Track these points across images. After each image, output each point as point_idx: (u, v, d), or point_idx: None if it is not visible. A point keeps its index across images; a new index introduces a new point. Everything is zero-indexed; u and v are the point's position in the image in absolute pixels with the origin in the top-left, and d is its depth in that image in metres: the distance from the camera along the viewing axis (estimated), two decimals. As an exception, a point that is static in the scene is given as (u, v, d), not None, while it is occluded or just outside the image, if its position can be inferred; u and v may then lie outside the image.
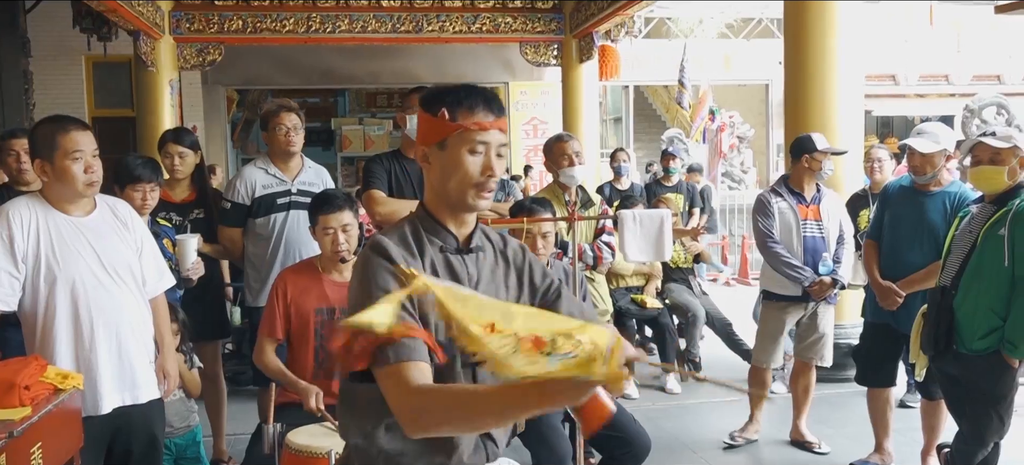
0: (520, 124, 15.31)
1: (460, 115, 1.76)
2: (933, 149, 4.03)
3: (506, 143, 1.83)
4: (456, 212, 1.83)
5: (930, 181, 4.10)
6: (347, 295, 3.29)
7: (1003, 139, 3.48)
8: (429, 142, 1.80)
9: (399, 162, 4.06)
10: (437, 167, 1.80)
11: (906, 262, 4.12)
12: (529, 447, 3.40)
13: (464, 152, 1.77)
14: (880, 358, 4.34)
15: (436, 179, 1.81)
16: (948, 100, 16.99)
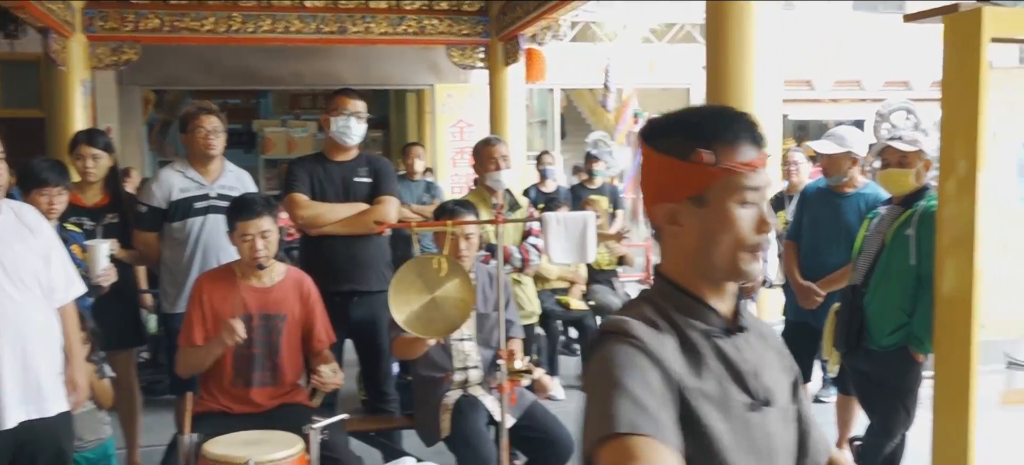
0: (446, 126, 15.25)
1: (723, 154, 1.33)
2: (834, 151, 4.17)
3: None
4: (719, 283, 1.39)
5: (843, 183, 4.24)
6: (270, 301, 3.26)
7: (909, 143, 3.63)
8: (679, 196, 1.35)
9: (322, 165, 4.01)
10: (692, 229, 1.35)
11: (825, 262, 4.25)
12: (454, 451, 3.39)
13: (733, 205, 1.34)
14: (798, 355, 4.44)
15: (691, 244, 1.36)
16: (860, 105, 17.60)
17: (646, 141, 1.40)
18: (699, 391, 1.29)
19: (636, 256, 8.86)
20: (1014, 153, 3.29)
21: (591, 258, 3.45)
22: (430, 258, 3.24)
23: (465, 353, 3.53)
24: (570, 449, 3.45)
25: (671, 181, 1.35)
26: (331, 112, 3.96)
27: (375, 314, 3.97)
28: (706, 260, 1.36)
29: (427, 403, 3.49)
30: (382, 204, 3.96)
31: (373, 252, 4.03)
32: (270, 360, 3.31)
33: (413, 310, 3.16)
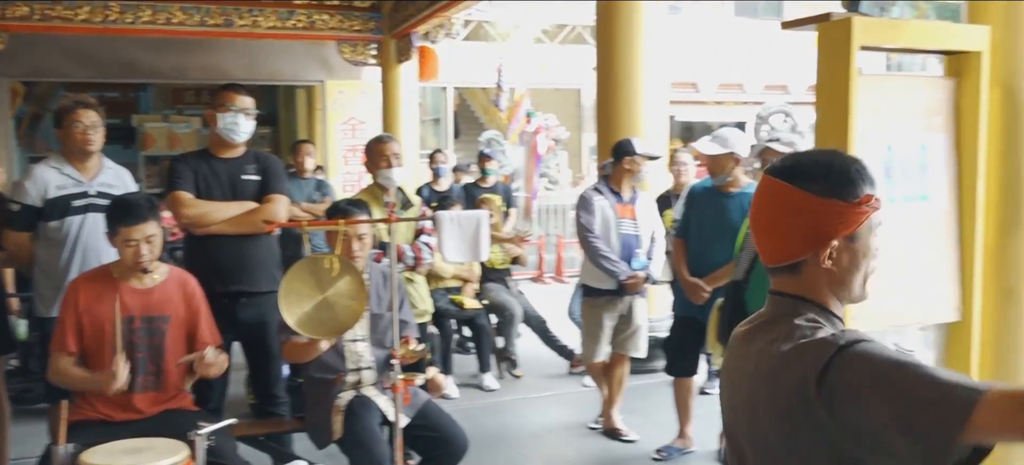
0: (337, 124, 15.00)
1: (870, 193, 1.53)
2: (718, 152, 4.33)
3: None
4: (846, 305, 1.56)
5: (727, 183, 4.41)
6: (152, 302, 3.13)
7: (787, 145, 3.81)
8: (840, 233, 1.49)
9: (208, 162, 3.88)
10: (843, 262, 1.50)
11: (711, 259, 4.40)
12: (347, 453, 3.34)
13: (872, 237, 1.56)
14: (686, 350, 4.62)
15: (840, 275, 1.50)
16: (742, 107, 18.33)
17: (796, 184, 1.50)
18: None
19: (529, 255, 8.95)
20: (880, 156, 3.50)
21: (484, 257, 3.47)
22: (322, 258, 3.18)
23: (358, 354, 3.49)
24: (464, 447, 3.45)
25: (835, 221, 1.48)
26: (218, 108, 3.84)
27: (264, 316, 3.87)
28: (848, 287, 1.52)
29: (319, 405, 3.43)
30: (271, 203, 3.87)
31: (262, 252, 3.93)
32: (153, 363, 3.19)
33: (304, 311, 3.10)
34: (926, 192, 3.65)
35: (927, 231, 3.63)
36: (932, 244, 3.63)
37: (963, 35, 3.63)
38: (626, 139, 4.97)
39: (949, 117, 3.68)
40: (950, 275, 3.66)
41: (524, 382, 6.28)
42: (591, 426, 5.07)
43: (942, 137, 3.66)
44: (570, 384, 6.19)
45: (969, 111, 3.63)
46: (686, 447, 4.67)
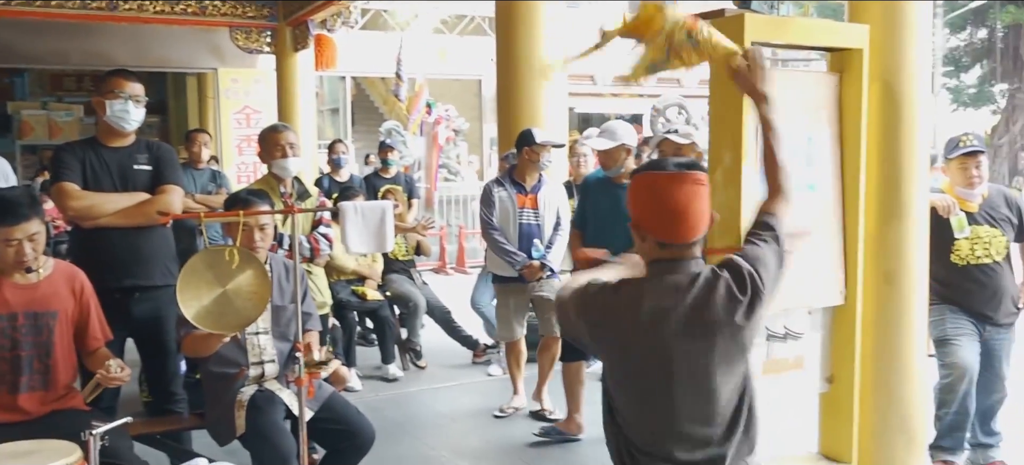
0: (231, 113, 14.57)
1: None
2: (609, 145, 4.46)
3: None
4: None
5: (620, 174, 4.52)
6: (37, 297, 2.98)
7: (684, 136, 3.94)
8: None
9: (95, 151, 3.71)
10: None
11: (607, 248, 4.50)
12: (250, 448, 3.27)
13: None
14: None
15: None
16: (638, 100, 18.74)
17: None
18: None
19: (431, 245, 8.93)
20: (771, 146, 3.65)
21: (389, 247, 3.45)
22: (221, 250, 3.10)
23: (260, 347, 3.42)
24: (371, 438, 3.43)
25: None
26: (106, 95, 3.68)
27: (159, 310, 3.74)
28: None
29: (220, 401, 3.34)
30: (165, 193, 3.73)
31: (156, 245, 3.79)
32: (41, 362, 3.04)
33: (203, 305, 3.01)
34: (813, 182, 3.83)
35: (813, 220, 3.81)
36: (818, 232, 3.81)
37: (845, 33, 3.82)
38: (526, 129, 5.06)
39: (833, 111, 3.88)
40: (834, 261, 3.86)
41: (428, 372, 6.28)
42: (496, 414, 5.11)
43: (826, 130, 3.85)
44: (474, 373, 6.23)
45: (851, 105, 3.83)
46: (571, 432, 4.68)
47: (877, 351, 3.91)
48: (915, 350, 3.95)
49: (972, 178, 4.01)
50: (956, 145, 4.06)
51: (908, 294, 3.89)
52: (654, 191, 2.04)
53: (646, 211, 2.06)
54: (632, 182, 2.10)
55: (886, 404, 3.92)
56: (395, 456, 4.42)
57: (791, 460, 4.01)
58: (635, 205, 2.08)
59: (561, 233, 5.05)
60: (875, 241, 3.88)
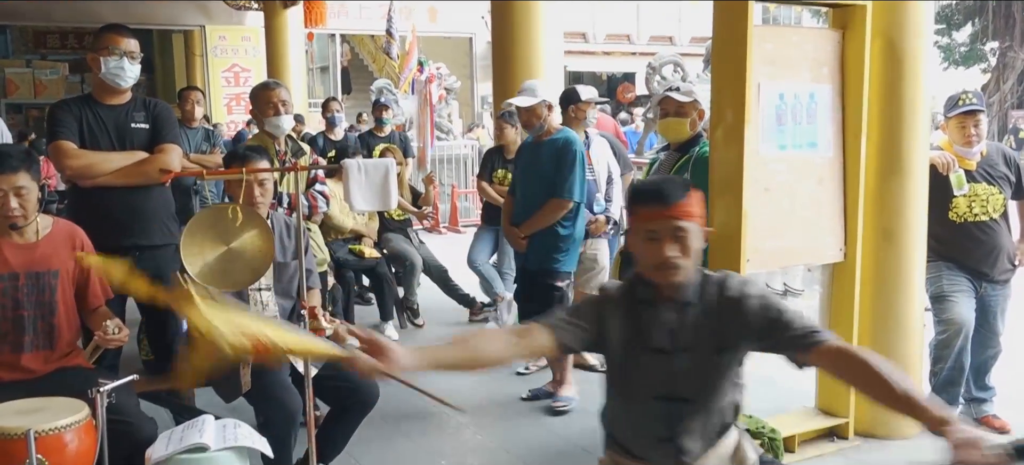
0: (220, 71, 14.44)
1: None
2: (530, 102, 4.42)
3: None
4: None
5: (542, 132, 4.48)
6: (37, 257, 2.96)
7: (686, 94, 3.92)
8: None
9: (92, 109, 3.67)
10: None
11: (530, 207, 4.50)
12: (255, 405, 3.28)
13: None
14: (528, 300, 4.61)
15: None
16: (630, 58, 18.66)
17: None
18: None
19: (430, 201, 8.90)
20: (773, 105, 3.66)
21: (393, 205, 3.43)
22: (224, 208, 3.08)
23: (263, 303, 3.42)
24: (375, 396, 3.45)
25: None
26: (100, 52, 3.63)
27: (161, 269, 3.71)
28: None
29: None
30: (164, 152, 3.70)
31: (155, 204, 3.76)
32: (44, 321, 3.02)
33: (207, 262, 3.00)
34: (814, 140, 3.84)
35: (814, 177, 3.83)
36: (818, 189, 3.83)
37: (850, -11, 3.79)
38: (570, 88, 5.16)
39: (835, 68, 3.88)
40: (834, 218, 3.89)
41: (426, 331, 6.30)
42: (520, 371, 5.11)
43: (828, 87, 3.85)
44: (471, 331, 6.25)
45: (853, 62, 3.83)
46: (558, 392, 4.62)
47: (875, 307, 3.95)
48: (913, 306, 4.00)
49: (970, 137, 4.02)
50: (955, 103, 4.06)
51: (907, 251, 3.92)
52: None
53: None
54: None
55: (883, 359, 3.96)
56: (396, 413, 4.44)
57: (788, 415, 4.06)
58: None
59: (615, 186, 5.14)
60: (875, 198, 3.90)
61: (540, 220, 4.39)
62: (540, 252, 4.45)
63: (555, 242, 4.43)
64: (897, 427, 3.98)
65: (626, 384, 2.16)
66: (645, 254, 2.06)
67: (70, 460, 2.54)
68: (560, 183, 4.34)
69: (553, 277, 4.45)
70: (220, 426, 2.97)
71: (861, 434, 3.99)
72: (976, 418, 4.20)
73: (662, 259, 2.02)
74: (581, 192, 4.41)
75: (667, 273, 2.04)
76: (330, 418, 3.52)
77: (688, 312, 2.08)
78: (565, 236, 4.44)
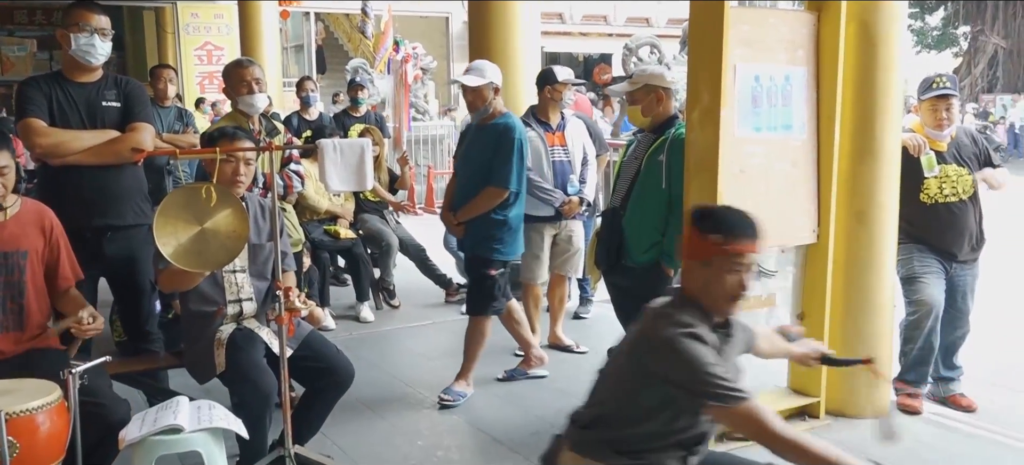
0: (192, 49, 14.26)
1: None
2: (476, 82, 4.26)
3: None
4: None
5: (485, 115, 4.33)
6: (6, 237, 2.92)
7: (634, 82, 3.94)
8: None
9: (62, 86, 3.61)
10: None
11: (468, 192, 4.38)
12: (230, 386, 3.26)
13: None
14: (473, 286, 4.55)
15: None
16: (607, 40, 18.65)
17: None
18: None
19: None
20: (749, 87, 3.67)
21: (369, 185, 3.40)
22: (197, 187, 3.05)
23: (238, 285, 3.39)
24: (350, 376, 3.44)
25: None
26: (70, 28, 3.56)
27: (132, 250, 3.69)
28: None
29: (200, 339, 3.32)
30: (136, 131, 3.65)
31: (127, 183, 3.71)
32: (14, 302, 2.98)
33: (181, 243, 2.97)
34: (789, 122, 3.86)
35: (788, 159, 3.86)
36: (792, 171, 3.86)
37: (825, -29, 3.81)
38: (547, 68, 5.10)
39: (810, 50, 3.90)
40: (808, 200, 3.92)
41: (402, 312, 6.30)
42: (516, 354, 5.10)
43: (803, 70, 3.87)
44: (448, 312, 6.25)
45: (828, 45, 3.86)
46: (534, 367, 4.67)
47: (847, 288, 4.00)
48: (884, 287, 4.05)
49: (942, 120, 4.07)
50: (929, 86, 4.10)
51: (879, 233, 3.97)
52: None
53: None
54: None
55: (854, 340, 4.02)
56: (372, 394, 4.45)
57: (761, 395, 4.10)
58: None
59: (590, 167, 5.13)
60: (848, 180, 3.94)
61: (475, 207, 4.29)
62: (475, 239, 4.36)
63: (489, 230, 4.30)
64: (866, 406, 4.05)
65: (692, 405, 2.17)
66: (726, 285, 2.13)
67: (42, 442, 2.51)
68: (496, 171, 4.23)
69: (486, 265, 4.33)
70: (195, 407, 2.96)
71: (832, 413, 4.05)
72: (944, 396, 4.28)
73: (744, 291, 2.13)
74: (518, 181, 4.29)
75: (739, 304, 2.16)
76: (305, 399, 3.51)
77: (733, 339, 2.31)
78: (499, 224, 4.29)
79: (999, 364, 4.93)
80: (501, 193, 4.25)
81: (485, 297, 4.39)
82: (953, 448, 3.79)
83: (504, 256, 4.37)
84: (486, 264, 4.34)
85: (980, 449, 3.80)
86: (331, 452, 3.69)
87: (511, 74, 5.99)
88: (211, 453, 2.85)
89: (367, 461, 3.68)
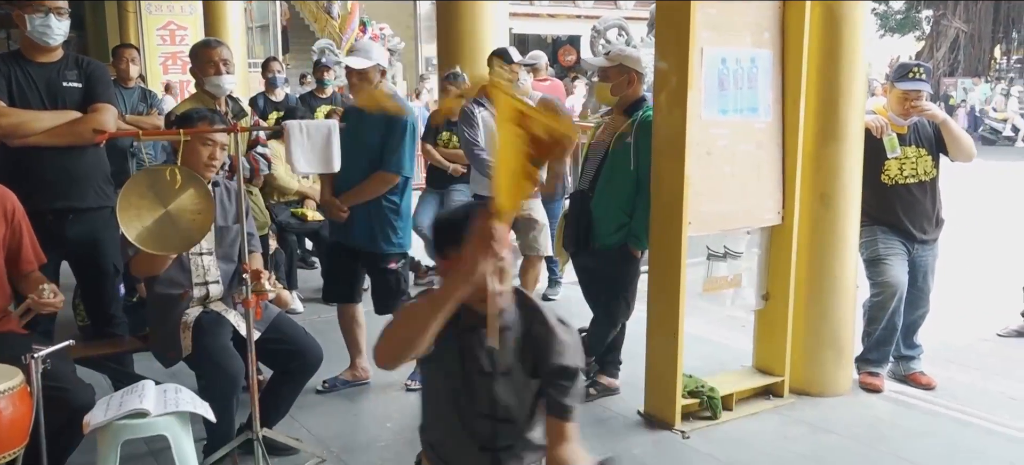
0: (155, 28, 14.00)
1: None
2: (363, 64, 4.03)
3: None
4: None
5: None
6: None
7: (612, 59, 3.96)
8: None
9: (21, 66, 3.53)
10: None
11: (353, 179, 4.10)
12: (196, 368, 3.24)
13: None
14: (338, 276, 4.38)
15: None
16: (576, 21, 18.63)
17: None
18: None
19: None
20: (716, 70, 3.70)
21: (336, 167, 3.38)
22: (162, 169, 3.01)
23: (204, 268, 3.36)
24: (318, 359, 3.43)
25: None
26: (25, 9, 3.48)
27: (95, 232, 3.64)
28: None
29: (166, 322, 3.28)
30: (98, 112, 3.58)
31: (89, 165, 3.65)
32: (-27, 287, 2.93)
33: (145, 226, 2.93)
34: (755, 104, 3.90)
35: (753, 141, 3.90)
36: (758, 154, 3.91)
37: (792, -45, 3.83)
38: (501, 48, 5.09)
39: (776, 33, 3.93)
40: (773, 182, 3.97)
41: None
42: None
43: (768, 53, 3.91)
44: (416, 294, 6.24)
45: (794, 28, 3.89)
46: (358, 378, 4.40)
47: (811, 269, 4.06)
48: (848, 269, 4.11)
49: (910, 110, 4.12)
50: (905, 75, 4.11)
51: (843, 215, 4.03)
52: None
53: None
54: None
55: (818, 320, 4.09)
56: (340, 377, 4.43)
57: (727, 374, 4.16)
58: None
59: None
60: (812, 163, 3.99)
61: (363, 192, 4.04)
62: (368, 233, 4.12)
63: (382, 220, 4.10)
64: (829, 385, 4.12)
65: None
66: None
67: (4, 427, 2.48)
68: (388, 156, 4.01)
69: (385, 260, 4.16)
70: (161, 391, 2.94)
71: (796, 392, 4.11)
72: (904, 375, 4.37)
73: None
74: (410, 166, 4.10)
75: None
76: (273, 382, 3.49)
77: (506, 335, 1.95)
78: (393, 213, 4.11)
79: (957, 343, 5.04)
80: (392, 179, 4.04)
81: (393, 293, 4.22)
82: (913, 425, 3.88)
83: (403, 247, 4.21)
84: (385, 259, 4.16)
85: (940, 425, 3.89)
86: (299, 435, 3.68)
87: (479, 56, 5.98)
88: (178, 437, 2.83)
89: (336, 444, 3.68)
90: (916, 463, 3.48)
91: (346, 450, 3.62)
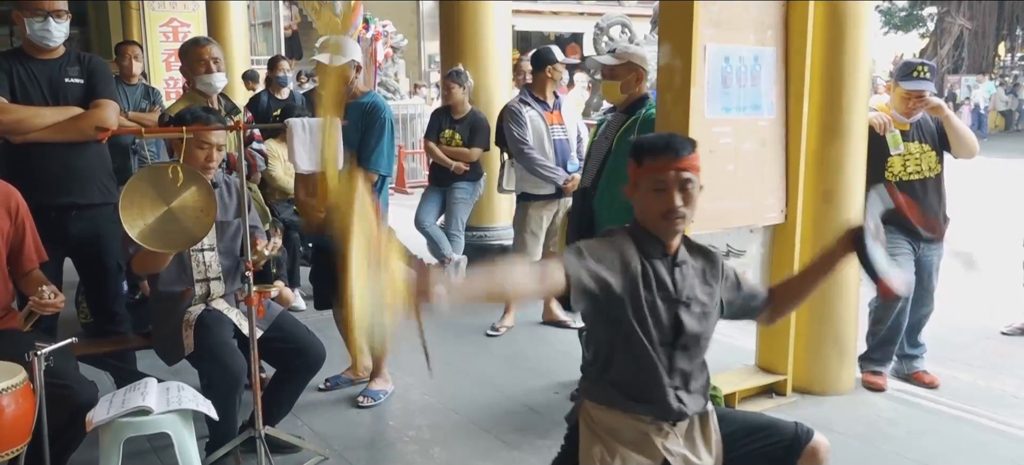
0: (157, 26, 14.01)
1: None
2: (340, 61, 4.07)
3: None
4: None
5: (353, 93, 4.01)
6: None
7: (619, 58, 3.94)
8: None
9: (23, 63, 3.54)
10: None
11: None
12: (198, 366, 3.24)
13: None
14: (328, 277, 4.17)
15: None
16: (578, 18, 18.62)
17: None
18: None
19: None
20: (719, 67, 3.69)
21: (339, 165, 3.37)
22: (164, 166, 3.01)
23: (205, 264, 3.36)
24: (321, 357, 3.43)
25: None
26: (25, 12, 3.49)
27: (98, 229, 3.64)
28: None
29: (168, 320, 3.28)
30: (100, 108, 3.59)
31: (92, 162, 3.65)
32: (-25, 284, 2.94)
33: (148, 223, 2.93)
34: (758, 102, 3.89)
35: (757, 139, 3.89)
36: (761, 152, 3.90)
37: (795, -48, 3.82)
38: (546, 47, 5.12)
39: (779, 30, 3.92)
40: (776, 180, 3.96)
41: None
42: (489, 332, 5.18)
43: (772, 50, 3.90)
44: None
45: (797, 25, 3.88)
46: (360, 377, 4.38)
47: (815, 267, 4.03)
48: (850, 268, 4.09)
49: (912, 110, 4.10)
50: (909, 74, 4.09)
51: (846, 212, 4.02)
52: None
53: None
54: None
55: (821, 319, 4.08)
56: (342, 375, 4.43)
57: (730, 373, 4.16)
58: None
59: (585, 144, 5.11)
60: (816, 160, 3.98)
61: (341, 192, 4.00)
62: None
63: None
64: (832, 383, 4.11)
65: (632, 332, 2.13)
66: (653, 204, 2.12)
67: (8, 425, 2.48)
68: (365, 153, 3.87)
69: None
70: (163, 389, 2.94)
71: (798, 390, 4.11)
72: (907, 374, 4.36)
73: (670, 207, 2.10)
74: (388, 165, 4.02)
75: (674, 223, 2.12)
76: (276, 380, 3.50)
77: (685, 268, 2.21)
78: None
79: (960, 341, 5.03)
80: (371, 178, 3.88)
81: None
82: (916, 424, 3.87)
83: None
84: None
85: (942, 424, 3.88)
86: (302, 433, 3.68)
87: (482, 52, 5.98)
88: (180, 435, 2.83)
89: (338, 442, 3.68)
90: (919, 462, 3.47)
91: (348, 448, 3.62)
